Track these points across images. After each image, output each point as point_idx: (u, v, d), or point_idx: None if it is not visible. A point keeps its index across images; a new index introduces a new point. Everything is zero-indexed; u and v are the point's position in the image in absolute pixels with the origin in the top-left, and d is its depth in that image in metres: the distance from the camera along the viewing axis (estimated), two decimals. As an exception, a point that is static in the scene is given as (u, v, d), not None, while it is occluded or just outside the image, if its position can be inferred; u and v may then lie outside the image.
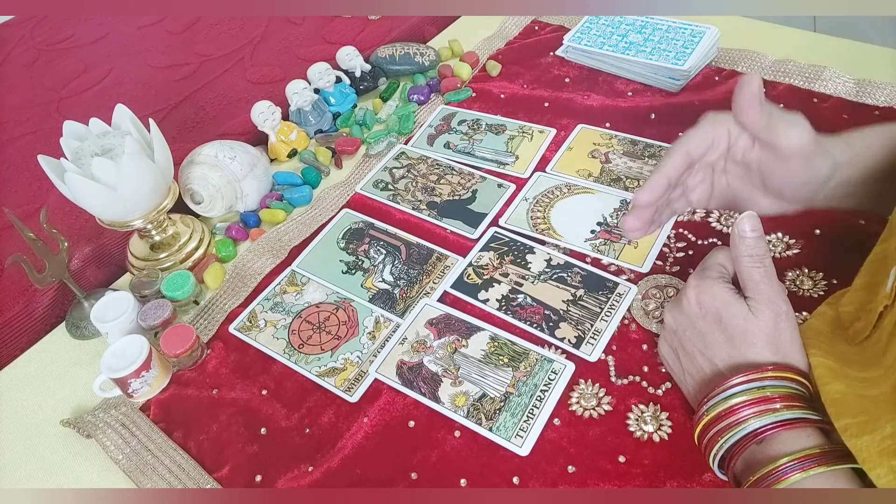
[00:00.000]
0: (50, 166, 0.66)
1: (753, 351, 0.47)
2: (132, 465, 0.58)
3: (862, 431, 0.39)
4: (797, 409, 0.44)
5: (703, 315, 0.49)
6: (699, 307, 0.50)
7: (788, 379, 0.45)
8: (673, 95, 0.85)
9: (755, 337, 0.47)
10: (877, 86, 0.79)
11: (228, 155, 0.78)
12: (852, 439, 0.39)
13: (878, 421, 0.39)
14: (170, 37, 1.14)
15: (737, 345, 0.47)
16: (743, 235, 0.48)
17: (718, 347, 0.48)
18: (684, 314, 0.51)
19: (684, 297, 0.51)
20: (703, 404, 0.47)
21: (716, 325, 0.49)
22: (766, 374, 0.45)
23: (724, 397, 0.45)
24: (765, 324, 0.47)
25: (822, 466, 0.41)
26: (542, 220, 0.73)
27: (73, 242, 0.75)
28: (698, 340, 0.50)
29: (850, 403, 0.41)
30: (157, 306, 0.67)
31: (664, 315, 0.54)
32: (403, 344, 0.63)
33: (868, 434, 0.39)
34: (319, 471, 0.55)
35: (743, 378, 0.45)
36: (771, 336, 0.47)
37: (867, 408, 0.40)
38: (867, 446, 0.38)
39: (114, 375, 0.60)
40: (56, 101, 1.04)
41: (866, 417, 0.40)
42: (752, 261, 0.48)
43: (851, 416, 0.40)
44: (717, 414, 0.45)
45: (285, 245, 0.75)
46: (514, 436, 0.55)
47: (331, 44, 1.04)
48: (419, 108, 0.91)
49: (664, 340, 0.55)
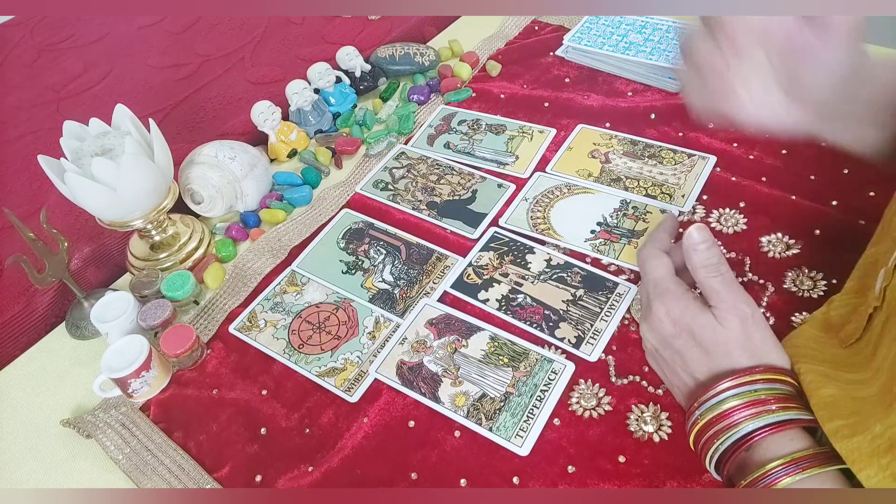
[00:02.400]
0: (50, 166, 0.66)
1: (730, 359, 0.47)
2: (132, 465, 0.58)
3: (853, 432, 0.39)
4: (792, 409, 0.44)
5: (678, 334, 0.49)
6: (672, 325, 0.49)
7: (777, 381, 0.45)
8: (673, 95, 0.85)
9: (727, 346, 0.47)
10: (877, 86, 0.79)
11: (228, 155, 0.78)
12: (843, 441, 0.39)
13: (868, 421, 0.39)
14: (170, 37, 1.14)
15: (713, 356, 0.47)
16: (695, 248, 0.48)
17: (697, 362, 0.48)
18: (659, 334, 0.51)
19: (653, 316, 0.50)
20: (695, 410, 0.47)
21: (690, 340, 0.48)
22: (756, 376, 0.45)
23: (715, 402, 0.45)
24: (733, 330, 0.47)
25: (813, 469, 0.41)
26: (542, 220, 0.73)
27: (73, 242, 0.75)
28: (677, 358, 0.50)
29: (842, 406, 0.41)
30: (157, 306, 0.67)
31: (641, 332, 0.53)
32: (403, 344, 0.63)
33: (860, 434, 0.39)
34: (319, 471, 0.55)
35: (732, 382, 0.45)
36: (742, 342, 0.46)
37: (859, 409, 0.40)
38: (858, 447, 0.38)
39: (114, 375, 0.60)
40: (56, 101, 1.04)
41: (858, 418, 0.39)
42: (708, 271, 0.47)
43: (843, 418, 0.40)
44: (710, 420, 0.45)
45: (285, 245, 0.75)
46: (514, 436, 0.55)
47: (331, 44, 1.04)
48: (419, 108, 0.91)
49: (648, 355, 0.54)
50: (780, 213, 0.68)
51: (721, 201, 0.71)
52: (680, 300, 0.49)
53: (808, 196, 0.69)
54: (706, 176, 0.73)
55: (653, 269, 0.52)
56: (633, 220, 0.70)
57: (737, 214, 0.69)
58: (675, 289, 0.50)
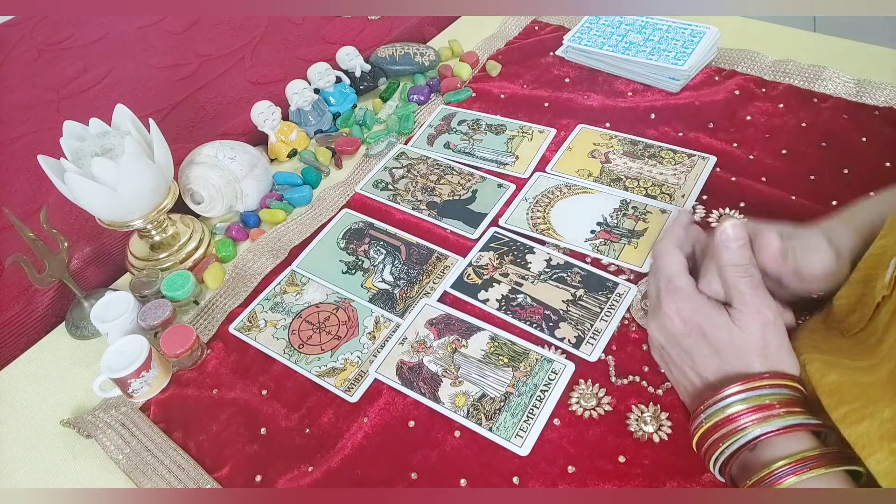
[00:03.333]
0: (50, 166, 0.66)
1: (743, 362, 0.46)
2: (132, 465, 0.58)
3: (861, 417, 0.39)
4: (798, 414, 0.43)
5: (688, 332, 0.48)
6: (683, 324, 0.48)
7: (783, 386, 0.45)
8: (673, 95, 0.85)
9: (743, 349, 0.46)
10: (877, 86, 0.79)
11: (228, 155, 0.78)
12: (852, 426, 0.39)
13: (877, 405, 0.39)
14: (170, 37, 1.14)
15: (725, 357, 0.47)
16: (728, 245, 0.47)
17: (707, 362, 0.47)
18: (667, 332, 0.50)
19: (662, 313, 0.50)
20: (700, 413, 0.46)
21: (701, 339, 0.47)
22: (763, 381, 0.44)
23: (720, 406, 0.45)
24: (751, 335, 0.46)
25: (819, 469, 0.41)
26: (542, 220, 0.73)
27: (73, 242, 0.75)
28: (685, 357, 0.49)
29: (847, 391, 0.41)
30: (157, 306, 0.67)
31: (648, 327, 0.52)
32: (403, 344, 0.63)
33: (868, 419, 0.39)
34: (319, 471, 0.55)
35: (739, 388, 0.45)
36: (759, 347, 0.46)
37: (864, 393, 0.40)
38: (868, 431, 0.38)
39: (114, 375, 0.60)
40: (56, 101, 1.04)
41: (864, 402, 0.40)
42: (737, 271, 0.46)
43: (849, 404, 0.40)
44: (715, 423, 0.45)
45: (285, 245, 0.75)
46: (514, 436, 0.55)
47: (331, 44, 1.04)
48: (419, 108, 0.91)
49: (654, 351, 0.54)
50: (780, 213, 0.68)
51: (721, 201, 0.71)
52: (692, 299, 0.48)
53: (808, 196, 0.69)
54: (706, 176, 0.73)
55: (667, 265, 0.51)
56: (633, 220, 0.70)
57: (737, 214, 0.69)
58: (688, 287, 0.49)
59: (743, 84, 0.84)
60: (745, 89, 0.83)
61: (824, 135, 0.76)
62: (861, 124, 0.76)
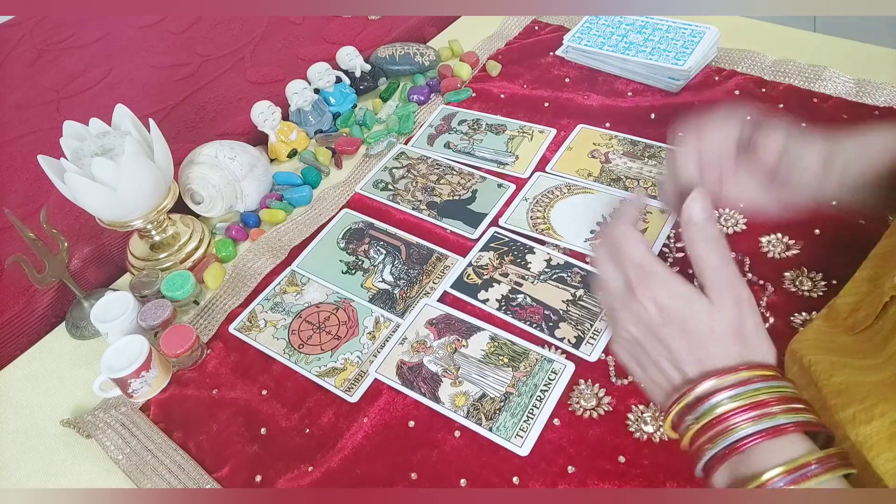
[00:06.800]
0: (50, 166, 0.66)
1: (721, 347, 0.43)
2: (132, 465, 0.58)
3: (870, 417, 0.39)
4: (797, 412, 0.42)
5: (665, 322, 0.44)
6: (659, 313, 0.44)
7: (774, 378, 0.42)
8: (673, 95, 0.85)
9: (721, 332, 0.43)
10: (877, 86, 0.79)
11: (228, 155, 0.78)
12: (860, 426, 0.39)
13: (884, 405, 0.39)
14: (170, 37, 1.14)
15: (704, 344, 0.43)
16: (694, 220, 0.43)
17: (684, 353, 0.44)
18: (642, 324, 0.46)
19: (636, 303, 0.45)
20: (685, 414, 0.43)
21: (679, 329, 0.44)
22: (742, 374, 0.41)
23: (710, 405, 0.41)
24: (728, 313, 0.42)
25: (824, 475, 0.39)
26: (542, 220, 0.73)
27: (73, 242, 0.75)
28: (662, 349, 0.45)
29: (855, 391, 0.41)
30: (157, 306, 0.67)
31: (614, 324, 0.47)
32: (403, 344, 0.63)
33: (878, 419, 0.38)
34: (319, 471, 0.55)
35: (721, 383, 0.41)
36: (736, 327, 0.43)
37: (872, 392, 0.40)
38: (877, 431, 0.38)
39: (114, 375, 0.60)
40: (56, 101, 1.04)
41: (873, 401, 0.40)
42: (707, 245, 0.43)
43: (858, 403, 0.40)
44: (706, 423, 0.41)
45: (285, 245, 0.75)
46: (514, 436, 0.55)
47: (331, 44, 1.04)
48: (419, 108, 0.91)
49: (622, 350, 0.48)
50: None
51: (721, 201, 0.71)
52: (667, 284, 0.44)
53: (808, 196, 0.69)
54: (706, 176, 0.73)
55: (633, 250, 0.46)
56: (633, 220, 0.70)
57: (736, 214, 0.69)
58: (661, 271, 0.44)
59: (743, 84, 0.84)
60: (745, 89, 0.83)
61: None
62: (861, 124, 0.76)
